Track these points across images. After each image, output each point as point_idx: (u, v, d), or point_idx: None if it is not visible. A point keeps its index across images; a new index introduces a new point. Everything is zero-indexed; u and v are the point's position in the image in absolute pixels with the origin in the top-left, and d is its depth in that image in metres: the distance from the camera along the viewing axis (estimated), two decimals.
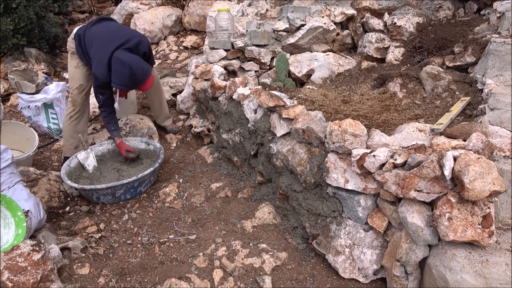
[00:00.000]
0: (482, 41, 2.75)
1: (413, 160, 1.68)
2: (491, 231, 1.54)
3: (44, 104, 3.63)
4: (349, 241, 2.01)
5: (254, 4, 4.22)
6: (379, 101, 2.77)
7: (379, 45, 3.55)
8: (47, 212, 2.54)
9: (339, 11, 3.76)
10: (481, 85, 2.40)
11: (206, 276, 2.07)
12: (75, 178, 2.88)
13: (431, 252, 1.70)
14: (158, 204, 2.77)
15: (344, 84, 3.35)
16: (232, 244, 2.29)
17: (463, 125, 1.92)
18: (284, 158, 2.35)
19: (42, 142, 3.69)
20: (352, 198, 1.98)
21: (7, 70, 4.46)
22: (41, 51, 4.99)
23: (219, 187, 2.92)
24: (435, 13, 3.60)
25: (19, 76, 3.69)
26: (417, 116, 2.40)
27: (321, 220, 2.15)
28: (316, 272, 2.11)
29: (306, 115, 2.29)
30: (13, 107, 4.34)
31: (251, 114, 2.78)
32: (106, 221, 2.59)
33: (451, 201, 1.56)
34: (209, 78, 3.45)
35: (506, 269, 1.51)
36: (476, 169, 1.47)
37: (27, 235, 2.12)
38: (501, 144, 1.75)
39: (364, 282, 2.00)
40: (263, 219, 2.50)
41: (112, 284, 2.05)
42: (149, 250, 2.30)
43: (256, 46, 3.62)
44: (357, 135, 1.89)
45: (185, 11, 5.58)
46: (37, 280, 1.74)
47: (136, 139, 3.27)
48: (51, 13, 5.09)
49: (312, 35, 3.63)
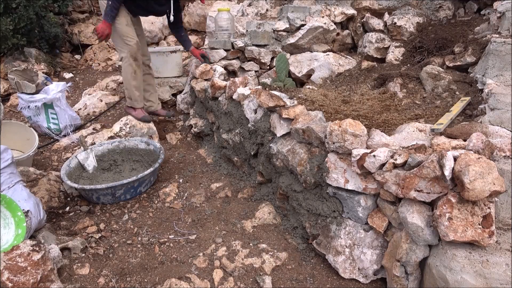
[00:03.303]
0: (482, 41, 2.75)
1: (413, 160, 1.68)
2: (491, 231, 1.54)
3: (44, 104, 3.63)
4: (349, 241, 2.01)
5: (254, 4, 4.22)
6: (379, 101, 2.77)
7: (379, 45, 3.55)
8: (47, 212, 2.54)
9: (339, 11, 3.76)
10: (481, 85, 2.40)
11: (206, 276, 2.07)
12: (75, 178, 2.88)
13: (431, 252, 1.70)
14: (158, 204, 2.77)
15: (344, 84, 3.35)
16: (232, 244, 2.29)
17: (463, 125, 1.92)
18: (284, 158, 2.35)
19: (42, 142, 3.69)
20: (352, 198, 1.98)
21: (7, 70, 4.46)
22: (41, 51, 5.00)
23: (219, 187, 2.92)
24: (435, 13, 3.60)
25: (19, 76, 3.69)
26: (417, 116, 2.40)
27: (321, 220, 2.15)
28: (316, 272, 2.10)
29: (306, 115, 2.29)
30: (13, 107, 4.34)
31: (251, 114, 2.78)
32: (106, 221, 2.59)
33: (451, 201, 1.55)
34: (209, 78, 3.45)
35: (506, 269, 1.51)
36: (476, 169, 1.47)
37: (27, 235, 2.12)
38: (501, 144, 1.75)
39: (364, 282, 2.00)
40: (263, 219, 2.50)
41: (112, 284, 2.05)
42: (149, 250, 2.30)
43: (256, 46, 3.63)
44: (357, 135, 1.89)
45: (185, 11, 5.58)
46: (37, 280, 1.74)
47: (136, 139, 3.27)
48: (51, 13, 5.10)
49: (312, 35, 3.63)
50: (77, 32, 5.62)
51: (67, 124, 3.73)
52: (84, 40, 5.65)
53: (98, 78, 5.02)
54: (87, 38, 5.67)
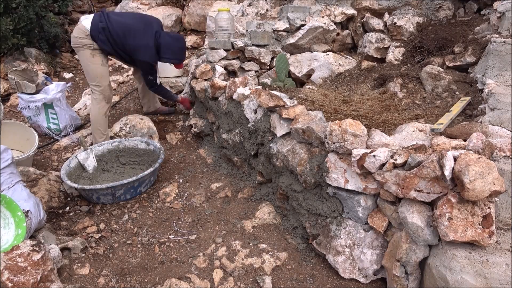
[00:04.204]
0: (482, 41, 2.74)
1: (413, 160, 1.68)
2: (491, 231, 1.54)
3: (44, 104, 3.63)
4: (349, 241, 2.01)
5: (254, 4, 4.22)
6: (379, 101, 2.77)
7: (379, 45, 3.55)
8: (47, 212, 2.54)
9: (339, 11, 3.76)
10: (481, 85, 2.40)
11: (206, 276, 2.07)
12: (75, 178, 2.88)
13: (431, 252, 1.70)
14: (158, 204, 2.77)
15: (344, 84, 3.35)
16: (232, 244, 2.29)
17: (463, 125, 1.92)
18: (284, 158, 2.35)
19: (42, 142, 3.69)
20: (352, 198, 1.98)
21: (7, 70, 4.46)
22: (41, 51, 4.99)
23: (219, 187, 2.92)
24: (435, 13, 3.60)
25: (19, 76, 3.69)
26: (417, 116, 2.40)
27: (321, 220, 2.15)
28: (316, 272, 2.10)
29: (306, 115, 2.29)
30: (13, 107, 4.34)
31: (251, 114, 2.78)
32: (106, 221, 2.59)
33: (451, 201, 1.55)
34: (209, 78, 3.45)
35: (506, 269, 1.50)
36: (476, 169, 1.47)
37: (27, 235, 2.12)
38: (501, 144, 1.75)
39: (364, 282, 2.00)
40: (263, 219, 2.50)
41: (112, 284, 2.05)
42: (149, 250, 2.30)
43: (256, 46, 3.62)
44: (357, 135, 1.89)
45: (185, 11, 5.57)
46: (37, 280, 1.74)
47: (136, 139, 3.27)
48: (51, 13, 5.09)
49: (312, 35, 3.63)
50: None
51: (67, 124, 3.74)
52: None
53: None
54: None
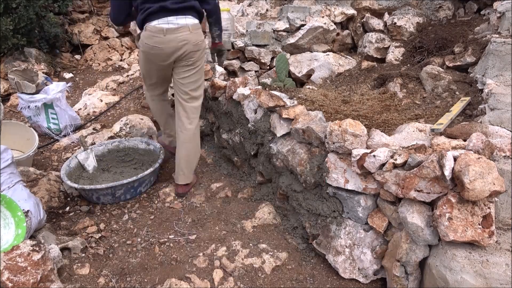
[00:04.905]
0: (482, 41, 2.75)
1: (413, 160, 1.68)
2: (491, 231, 1.54)
3: (44, 104, 3.63)
4: (349, 241, 2.01)
5: (254, 4, 4.22)
6: (379, 101, 2.77)
7: (379, 45, 3.55)
8: (47, 212, 2.54)
9: (339, 11, 3.76)
10: (481, 85, 2.40)
11: (206, 276, 2.07)
12: (75, 178, 2.88)
13: (431, 252, 1.70)
14: (158, 204, 2.77)
15: (344, 84, 3.35)
16: (232, 244, 2.29)
17: (463, 125, 1.92)
18: (284, 158, 2.35)
19: (42, 142, 3.69)
20: (352, 198, 1.98)
21: (7, 70, 4.46)
22: (41, 51, 4.99)
23: (219, 187, 2.92)
24: (435, 13, 3.60)
25: (19, 76, 3.69)
26: (417, 116, 2.40)
27: (321, 220, 2.15)
28: (316, 272, 2.10)
29: (306, 115, 2.29)
30: (13, 107, 4.34)
31: (251, 114, 2.78)
32: (106, 221, 2.59)
33: (451, 201, 1.56)
34: (209, 78, 3.45)
35: (506, 269, 1.51)
36: (476, 169, 1.47)
37: (27, 235, 2.12)
38: (501, 144, 1.75)
39: (364, 282, 2.00)
40: (263, 219, 2.50)
41: (112, 284, 2.05)
42: (149, 250, 2.30)
43: (256, 46, 3.63)
44: (357, 135, 1.89)
45: None
46: (37, 280, 1.74)
47: (136, 139, 3.27)
48: (51, 13, 5.09)
49: (312, 35, 3.63)
50: (77, 32, 5.62)
51: (67, 124, 3.73)
52: (84, 40, 5.65)
53: (98, 78, 5.02)
54: (87, 38, 5.67)
